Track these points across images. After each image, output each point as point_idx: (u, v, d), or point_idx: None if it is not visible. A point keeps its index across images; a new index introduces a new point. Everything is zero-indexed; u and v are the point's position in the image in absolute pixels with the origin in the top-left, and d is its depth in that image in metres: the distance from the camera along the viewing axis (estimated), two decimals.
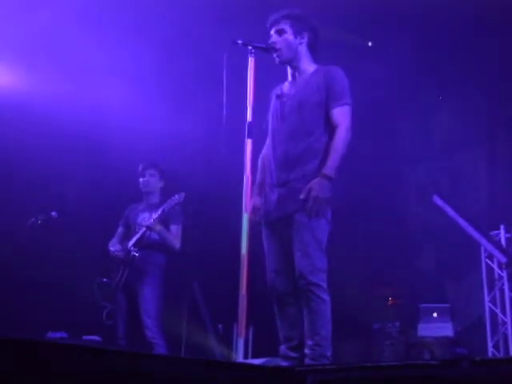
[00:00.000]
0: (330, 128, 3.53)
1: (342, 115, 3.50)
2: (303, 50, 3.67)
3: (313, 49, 3.71)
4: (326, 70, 3.60)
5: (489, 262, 6.18)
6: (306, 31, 3.66)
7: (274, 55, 3.63)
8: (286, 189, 3.51)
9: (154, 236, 5.23)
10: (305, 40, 3.66)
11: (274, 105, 3.72)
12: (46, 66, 6.22)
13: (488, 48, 6.84)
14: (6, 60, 6.20)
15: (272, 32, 3.66)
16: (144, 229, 5.17)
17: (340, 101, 3.51)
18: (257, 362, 3.55)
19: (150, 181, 5.44)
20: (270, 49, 3.63)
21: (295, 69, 3.69)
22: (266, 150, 3.76)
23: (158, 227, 5.14)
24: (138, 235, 5.21)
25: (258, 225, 3.63)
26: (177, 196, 5.11)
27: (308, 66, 3.67)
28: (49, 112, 6.15)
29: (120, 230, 5.52)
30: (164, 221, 5.19)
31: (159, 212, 5.12)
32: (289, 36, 3.63)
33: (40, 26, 6.00)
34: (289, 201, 3.48)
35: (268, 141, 3.75)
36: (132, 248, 5.20)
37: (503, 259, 5.84)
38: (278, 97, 3.70)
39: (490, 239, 5.96)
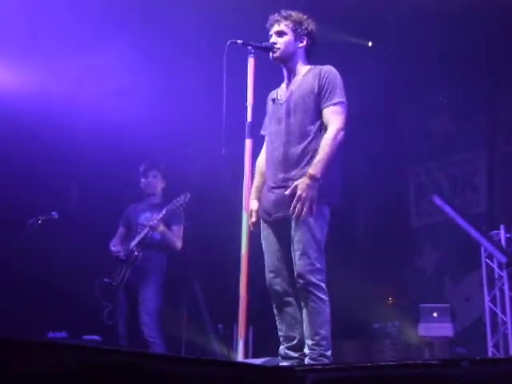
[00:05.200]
0: (325, 128, 3.53)
1: (333, 115, 3.49)
2: (301, 53, 3.68)
3: (309, 53, 3.72)
4: (318, 69, 3.61)
5: (489, 261, 6.18)
6: (306, 35, 3.67)
7: (270, 52, 3.62)
8: (285, 190, 3.50)
9: (156, 236, 5.23)
10: (303, 44, 3.67)
11: (271, 108, 3.73)
12: (46, 66, 6.22)
13: (488, 48, 6.84)
14: (8, 60, 6.20)
15: (272, 32, 3.67)
16: (147, 229, 5.17)
17: (331, 100, 3.51)
18: (257, 361, 3.55)
19: (153, 182, 5.45)
20: (269, 48, 3.63)
21: (290, 71, 3.70)
22: (264, 153, 3.77)
23: (162, 227, 5.15)
24: (141, 235, 5.22)
25: (255, 227, 3.63)
26: (182, 197, 5.10)
27: (303, 68, 3.68)
28: (49, 112, 6.15)
29: (120, 229, 5.52)
30: (165, 221, 5.19)
31: (163, 212, 5.12)
32: (289, 38, 3.64)
33: (41, 26, 6.01)
34: (287, 202, 3.48)
35: (265, 144, 3.75)
36: (134, 248, 5.20)
37: (503, 259, 5.84)
38: (274, 100, 3.71)
39: (489, 239, 5.96)
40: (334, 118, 3.48)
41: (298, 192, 3.35)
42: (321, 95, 3.52)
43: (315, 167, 3.38)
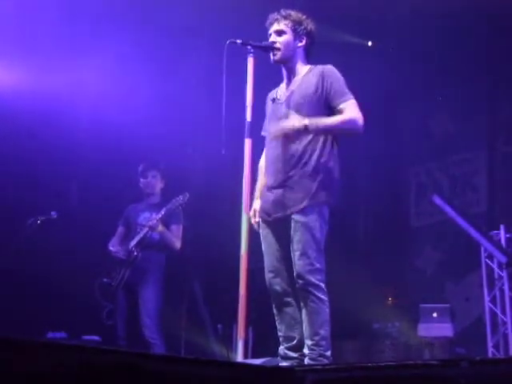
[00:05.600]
0: None
1: (351, 108, 3.49)
2: (300, 52, 3.68)
3: (308, 52, 3.72)
4: (321, 69, 3.61)
5: (489, 261, 6.17)
6: (305, 35, 3.67)
7: (271, 54, 3.63)
8: (284, 189, 3.50)
9: (155, 236, 5.23)
10: (303, 43, 3.67)
11: (271, 108, 3.73)
12: (46, 67, 6.22)
13: (488, 48, 6.84)
14: (7, 59, 6.19)
15: (271, 31, 3.66)
16: (146, 229, 5.17)
17: (344, 97, 3.51)
18: (257, 362, 3.55)
19: (152, 182, 5.45)
20: (269, 48, 3.63)
21: (290, 71, 3.70)
22: (265, 154, 3.77)
23: (161, 227, 5.15)
24: (140, 235, 5.21)
25: (257, 228, 3.64)
26: (181, 197, 5.11)
27: (302, 68, 3.68)
28: (49, 112, 6.15)
29: (120, 229, 5.52)
30: (164, 221, 5.19)
31: (162, 212, 5.12)
32: (288, 37, 3.64)
33: (40, 24, 6.01)
34: (287, 201, 3.48)
35: (266, 144, 3.75)
36: (134, 248, 5.20)
37: (503, 259, 5.83)
38: (274, 100, 3.70)
39: (490, 239, 5.95)
40: (351, 110, 3.48)
41: (286, 123, 3.44)
42: (330, 95, 3.52)
43: (314, 121, 3.42)
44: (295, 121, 3.43)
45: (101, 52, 6.35)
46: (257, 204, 3.68)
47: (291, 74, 3.69)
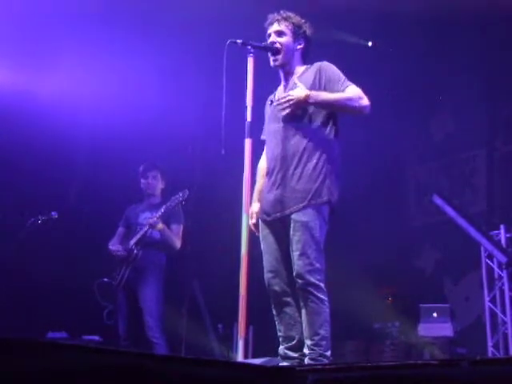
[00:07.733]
0: (328, 125, 3.54)
1: (353, 89, 3.49)
2: (297, 55, 3.69)
3: (305, 56, 3.73)
4: (317, 65, 3.63)
5: (489, 261, 6.18)
6: (303, 38, 3.68)
7: (271, 59, 3.63)
8: (284, 189, 3.50)
9: (155, 235, 5.23)
10: (301, 46, 3.69)
11: (270, 109, 3.73)
12: (47, 66, 6.22)
13: (488, 48, 6.84)
14: (9, 59, 6.20)
15: (271, 31, 3.67)
16: (146, 227, 5.17)
17: (344, 83, 3.52)
18: (257, 361, 3.55)
19: (153, 183, 5.45)
20: (269, 49, 3.63)
21: (288, 73, 3.70)
22: (265, 155, 3.76)
23: (161, 225, 5.15)
24: (139, 234, 5.21)
25: (255, 230, 3.64)
26: (180, 194, 5.11)
27: (299, 68, 3.69)
28: (50, 112, 6.16)
29: (120, 229, 5.52)
30: (165, 219, 5.19)
31: (162, 210, 5.12)
32: (288, 39, 3.64)
33: (40, 24, 6.01)
34: (287, 201, 3.47)
35: (266, 145, 3.75)
36: (134, 247, 5.20)
37: (503, 259, 5.84)
38: (273, 102, 3.70)
39: (490, 239, 5.96)
40: (354, 89, 3.49)
41: (290, 96, 3.43)
42: (329, 85, 3.52)
43: (318, 92, 3.44)
44: (299, 91, 3.43)
45: (101, 53, 6.36)
46: (255, 207, 3.67)
47: (289, 75, 3.70)
